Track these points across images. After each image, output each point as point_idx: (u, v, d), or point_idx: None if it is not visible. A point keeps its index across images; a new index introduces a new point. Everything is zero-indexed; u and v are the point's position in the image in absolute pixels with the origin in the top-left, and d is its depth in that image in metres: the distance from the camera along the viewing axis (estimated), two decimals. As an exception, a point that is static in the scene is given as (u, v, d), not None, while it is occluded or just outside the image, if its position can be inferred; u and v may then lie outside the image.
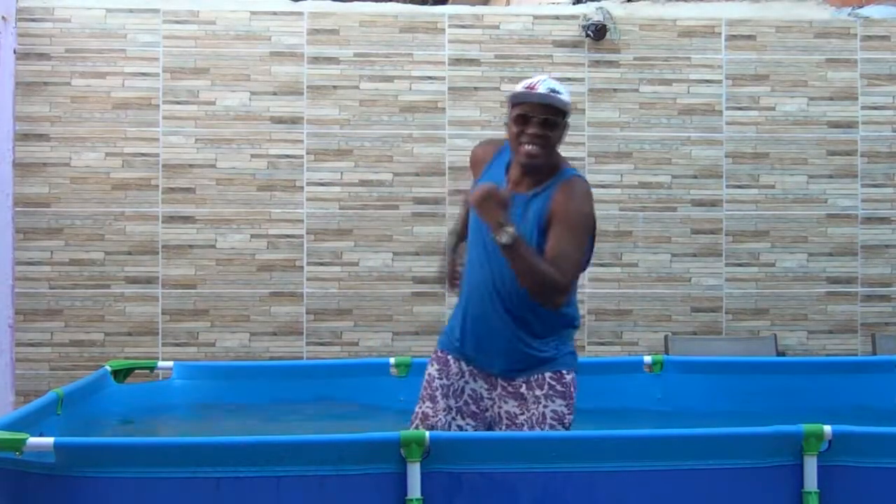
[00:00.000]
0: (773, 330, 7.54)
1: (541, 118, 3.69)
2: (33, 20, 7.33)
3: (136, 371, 5.28)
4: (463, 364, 3.93)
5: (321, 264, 7.43)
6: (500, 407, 3.86)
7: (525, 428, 3.77)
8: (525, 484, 3.19)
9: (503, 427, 3.82)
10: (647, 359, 5.39)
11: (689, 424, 4.63)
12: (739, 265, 7.63)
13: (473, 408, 3.90)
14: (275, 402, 5.24)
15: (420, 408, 3.95)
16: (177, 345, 7.33)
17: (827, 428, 3.21)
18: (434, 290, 7.37)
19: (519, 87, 3.78)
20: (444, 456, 3.18)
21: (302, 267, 7.43)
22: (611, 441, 3.33)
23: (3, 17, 7.08)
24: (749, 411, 5.08)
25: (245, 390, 5.30)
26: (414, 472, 3.15)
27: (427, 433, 3.16)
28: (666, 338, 7.21)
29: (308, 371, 5.62)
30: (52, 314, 7.30)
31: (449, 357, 3.96)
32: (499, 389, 3.88)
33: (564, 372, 3.86)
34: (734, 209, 7.63)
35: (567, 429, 3.78)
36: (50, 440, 3.19)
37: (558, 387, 3.83)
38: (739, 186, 7.64)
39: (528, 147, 3.70)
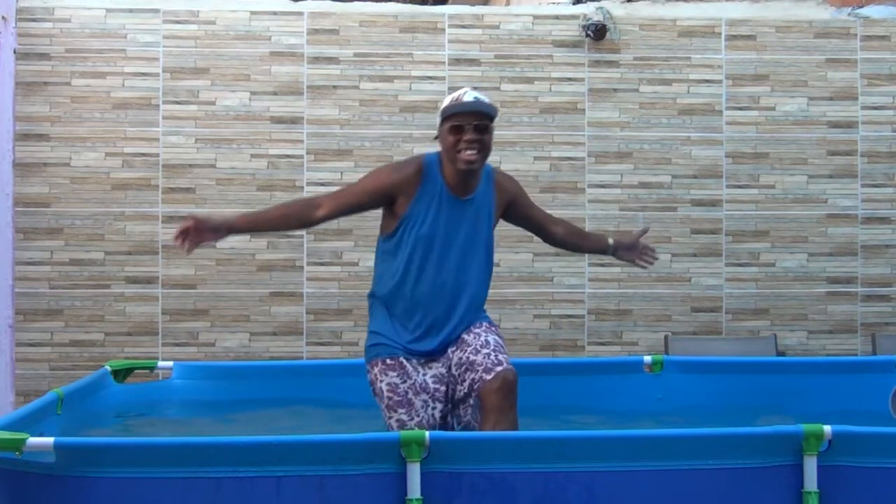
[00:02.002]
0: (773, 330, 7.54)
1: (473, 125, 4.06)
2: (33, 20, 7.33)
3: (136, 371, 5.29)
4: (414, 361, 4.19)
5: (321, 264, 7.43)
6: (453, 363, 4.19)
7: (471, 355, 4.13)
8: (525, 484, 3.20)
9: (457, 363, 4.18)
10: (647, 359, 5.39)
11: (689, 424, 4.64)
12: (739, 265, 7.63)
13: (441, 388, 4.17)
14: (275, 402, 5.24)
15: (393, 417, 4.14)
16: (177, 345, 7.33)
17: (827, 428, 3.22)
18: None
19: (445, 103, 4.16)
20: (443, 456, 3.18)
21: (302, 267, 7.43)
22: (611, 441, 3.33)
23: (3, 17, 7.08)
24: (749, 411, 5.07)
25: (245, 390, 5.30)
26: (414, 472, 3.15)
27: (427, 433, 3.17)
28: (666, 338, 7.21)
29: (308, 371, 5.62)
30: (52, 314, 7.30)
31: (401, 359, 4.18)
32: (447, 354, 4.21)
33: (483, 321, 4.32)
34: (734, 209, 7.63)
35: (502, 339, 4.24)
36: (50, 440, 3.19)
37: (492, 326, 4.30)
38: (739, 186, 7.64)
39: (467, 153, 4.05)
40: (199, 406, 5.18)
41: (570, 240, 4.65)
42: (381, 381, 4.18)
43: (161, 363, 5.43)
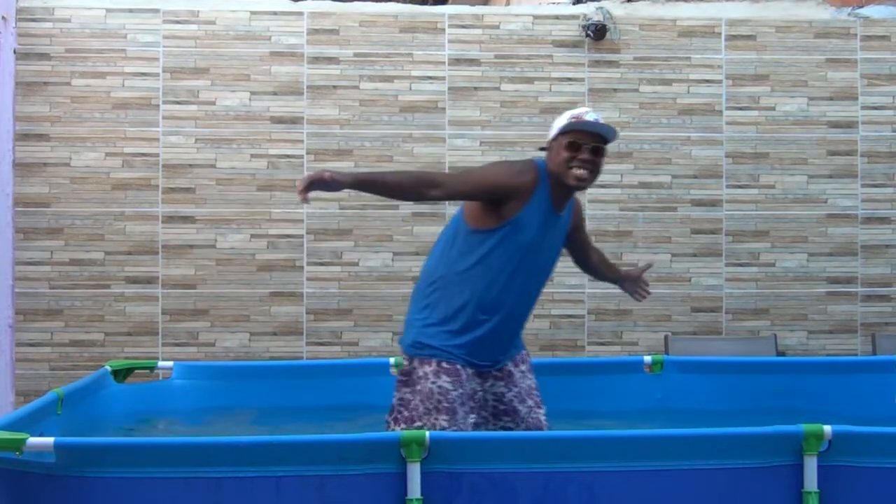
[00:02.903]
0: (773, 330, 7.55)
1: (591, 146, 4.09)
2: (33, 20, 7.33)
3: (136, 371, 5.29)
4: (469, 370, 4.11)
5: (321, 264, 7.43)
6: (490, 393, 4.19)
7: (515, 403, 4.19)
8: (525, 484, 3.20)
9: (500, 416, 4.19)
10: (647, 359, 5.40)
11: (689, 424, 4.64)
12: (739, 265, 7.63)
13: (471, 403, 4.11)
14: (275, 403, 5.24)
15: (431, 419, 3.99)
16: (177, 345, 7.33)
17: (827, 428, 3.21)
18: (434, 290, 7.36)
19: (565, 118, 4.13)
20: (444, 456, 3.18)
21: (302, 267, 7.43)
22: (611, 441, 3.33)
23: (3, 17, 7.08)
24: (749, 411, 5.07)
25: (245, 390, 5.30)
26: (414, 472, 3.15)
27: (427, 433, 3.16)
28: (666, 338, 7.21)
29: (308, 371, 5.62)
30: (52, 314, 7.31)
31: (458, 366, 4.08)
32: (490, 380, 4.19)
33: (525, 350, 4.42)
34: (734, 209, 7.63)
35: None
36: (50, 440, 3.19)
37: (528, 361, 4.40)
38: (739, 186, 7.64)
39: (579, 171, 4.05)
40: (199, 406, 5.18)
41: (598, 267, 4.80)
42: (434, 383, 4.02)
43: (161, 363, 5.43)
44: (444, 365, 4.05)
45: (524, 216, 4.06)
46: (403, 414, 4.04)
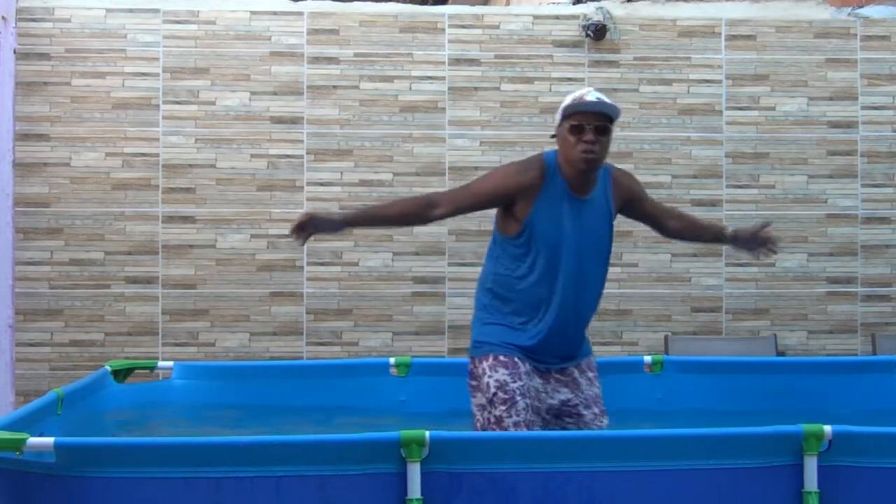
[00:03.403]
0: (773, 330, 7.54)
1: (594, 125, 4.01)
2: (33, 20, 7.33)
3: (137, 371, 5.28)
4: (528, 365, 4.08)
5: (321, 264, 7.43)
6: (552, 398, 4.10)
7: (580, 408, 4.10)
8: (525, 484, 3.19)
9: (563, 421, 4.11)
10: (647, 359, 5.39)
11: (690, 424, 4.64)
12: (739, 265, 7.63)
13: (537, 403, 4.06)
14: (275, 403, 5.24)
15: (493, 413, 3.98)
16: (177, 345, 7.33)
17: (827, 428, 3.21)
18: (434, 290, 7.37)
19: (567, 101, 4.06)
20: (444, 456, 3.18)
21: (302, 267, 7.43)
22: (610, 441, 3.33)
23: (3, 17, 7.08)
24: (749, 411, 5.07)
25: (245, 390, 5.30)
26: (414, 472, 3.15)
27: (427, 433, 3.16)
28: (666, 338, 7.21)
29: (308, 371, 5.61)
30: (52, 314, 7.31)
31: (516, 360, 4.06)
32: (552, 382, 4.12)
33: (592, 354, 4.33)
34: (734, 209, 7.63)
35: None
36: (50, 440, 3.19)
37: (595, 367, 4.28)
38: (739, 186, 7.64)
39: (585, 154, 3.98)
40: (199, 406, 5.18)
41: (686, 233, 4.59)
42: (490, 377, 4.02)
43: (161, 363, 5.43)
44: (501, 358, 4.05)
45: (538, 213, 4.06)
46: (480, 416, 4.06)
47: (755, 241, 4.58)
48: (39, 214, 7.32)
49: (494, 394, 3.98)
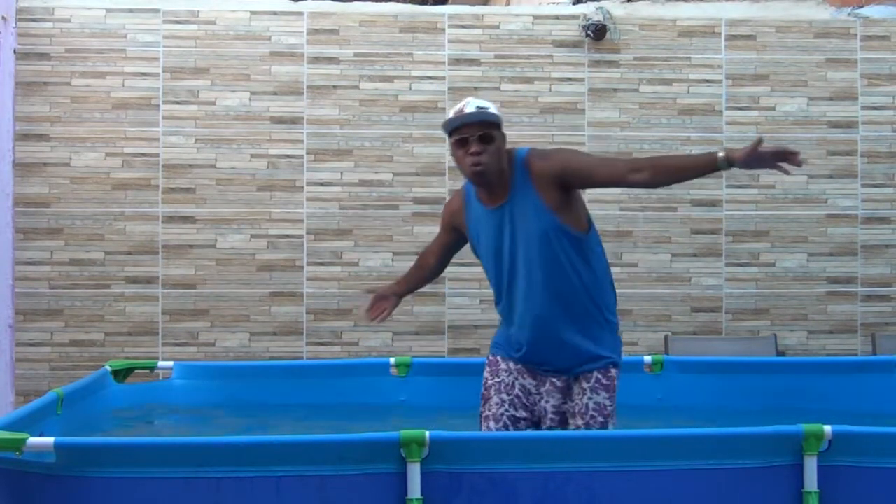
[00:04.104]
0: (773, 330, 7.54)
1: (476, 135, 3.89)
2: (33, 20, 7.33)
3: (137, 371, 5.28)
4: (511, 363, 4.12)
5: (321, 264, 7.43)
6: (546, 401, 4.07)
7: (567, 415, 4.03)
8: (525, 484, 3.19)
9: (547, 421, 4.05)
10: (647, 359, 5.39)
11: (690, 424, 4.64)
12: (739, 265, 7.63)
13: (525, 401, 4.09)
14: (275, 403, 5.24)
15: (482, 412, 4.15)
16: (177, 345, 7.33)
17: (827, 428, 3.21)
18: (434, 290, 7.36)
19: (448, 117, 4.00)
20: (444, 456, 3.18)
21: (302, 267, 7.43)
22: (610, 441, 3.33)
23: (3, 17, 7.08)
24: (749, 411, 5.07)
25: (245, 390, 5.30)
26: (414, 472, 3.15)
27: (427, 433, 3.16)
28: (666, 338, 7.21)
29: (308, 371, 5.61)
30: (52, 314, 7.30)
31: (498, 358, 4.16)
32: (547, 385, 4.08)
33: (611, 366, 4.09)
34: (734, 209, 7.62)
35: (606, 419, 4.00)
36: (50, 440, 3.18)
37: (604, 380, 4.05)
38: (739, 186, 7.64)
39: (474, 167, 3.90)
40: (199, 406, 5.18)
41: (663, 179, 3.94)
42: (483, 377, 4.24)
43: (161, 363, 5.43)
44: (489, 358, 4.21)
45: (471, 237, 4.19)
46: None
47: (766, 158, 3.71)
48: (39, 214, 7.32)
49: (482, 394, 4.16)
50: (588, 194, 7.24)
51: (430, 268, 4.52)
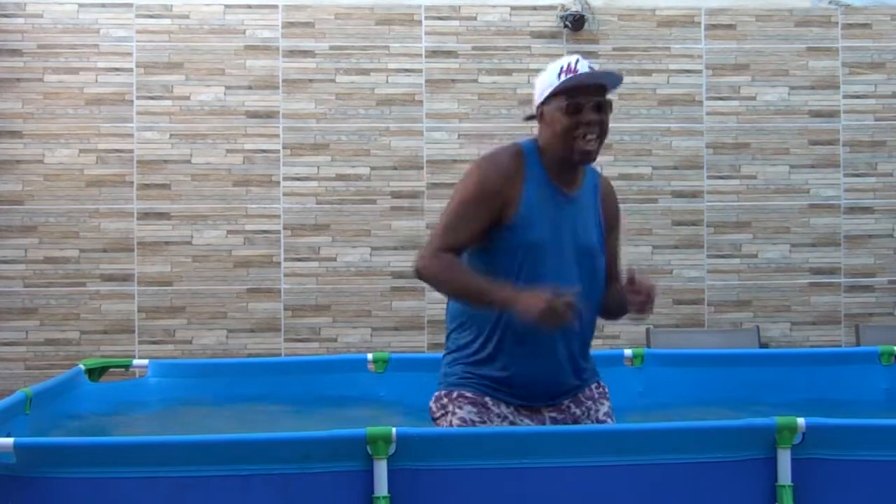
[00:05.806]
0: (756, 322, 7.52)
1: (594, 101, 3.20)
2: (4, 16, 7.28)
3: (112, 369, 5.22)
4: (503, 407, 3.44)
5: (298, 260, 7.38)
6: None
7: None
8: (494, 480, 3.14)
9: None
10: (628, 352, 5.33)
11: (670, 418, 4.59)
12: (721, 257, 7.60)
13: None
14: (252, 400, 5.18)
15: None
16: (153, 342, 7.28)
17: (800, 420, 3.16)
18: (413, 286, 7.32)
19: (554, 75, 3.22)
20: (411, 453, 3.12)
21: (279, 263, 7.38)
22: (581, 436, 3.28)
23: (-27, 13, 7.02)
24: (731, 405, 5.03)
25: (222, 388, 5.24)
26: (381, 469, 3.09)
27: (394, 429, 3.11)
28: (648, 330, 7.17)
29: (286, 368, 5.56)
30: (26, 313, 7.25)
31: (487, 400, 3.42)
32: (547, 422, 3.48)
33: (600, 381, 3.64)
34: (715, 200, 7.59)
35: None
36: (10, 440, 3.13)
37: (603, 390, 3.61)
38: (720, 177, 7.60)
39: (584, 145, 3.20)
40: (174, 405, 5.12)
41: (611, 301, 3.61)
42: (457, 414, 3.44)
43: (136, 361, 5.36)
44: (468, 395, 3.42)
45: (520, 213, 3.27)
46: None
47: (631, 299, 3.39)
48: (13, 212, 7.25)
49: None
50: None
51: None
